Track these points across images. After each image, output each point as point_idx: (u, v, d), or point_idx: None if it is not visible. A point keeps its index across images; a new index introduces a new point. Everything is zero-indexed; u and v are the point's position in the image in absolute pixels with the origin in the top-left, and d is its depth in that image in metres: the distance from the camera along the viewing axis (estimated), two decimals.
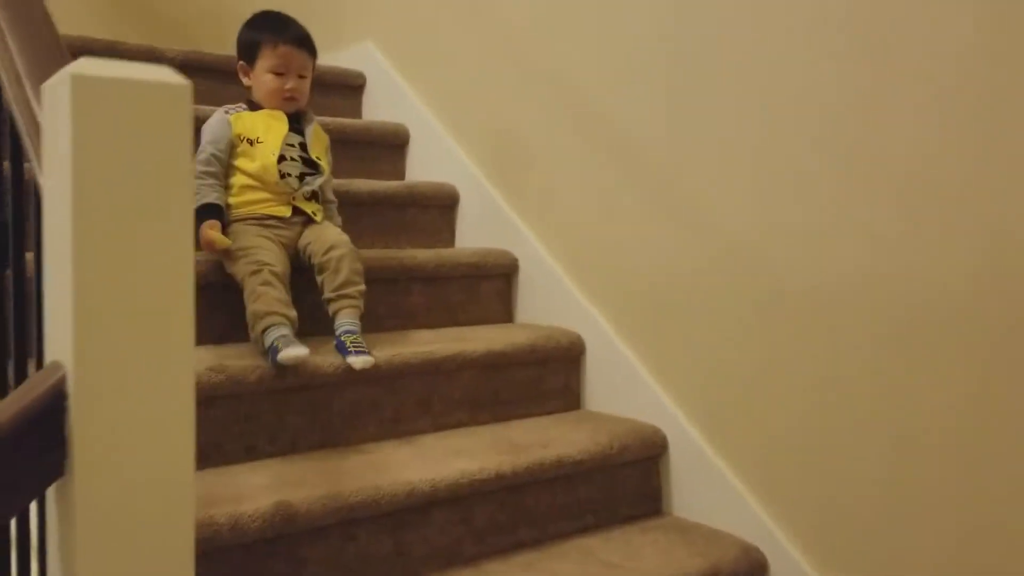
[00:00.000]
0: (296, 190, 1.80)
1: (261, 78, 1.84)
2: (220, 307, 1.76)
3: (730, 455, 1.74)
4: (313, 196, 1.85)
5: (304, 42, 1.86)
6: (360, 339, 1.66)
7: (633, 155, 1.91)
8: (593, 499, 1.75)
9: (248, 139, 1.79)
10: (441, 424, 1.82)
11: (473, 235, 2.33)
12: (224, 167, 1.77)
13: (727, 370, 1.73)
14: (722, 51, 1.72)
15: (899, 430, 1.48)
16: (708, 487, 1.76)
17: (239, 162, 1.78)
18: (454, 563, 1.56)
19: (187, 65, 2.45)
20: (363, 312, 1.72)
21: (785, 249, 1.63)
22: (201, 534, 1.28)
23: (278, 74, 1.82)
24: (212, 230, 1.69)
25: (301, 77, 1.85)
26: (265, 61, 1.83)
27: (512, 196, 2.23)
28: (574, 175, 2.05)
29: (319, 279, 1.73)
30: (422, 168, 2.50)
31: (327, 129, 2.34)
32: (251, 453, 1.58)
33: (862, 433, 1.52)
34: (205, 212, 1.72)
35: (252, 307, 1.62)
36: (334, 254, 1.72)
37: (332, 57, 2.77)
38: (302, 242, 1.78)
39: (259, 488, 1.42)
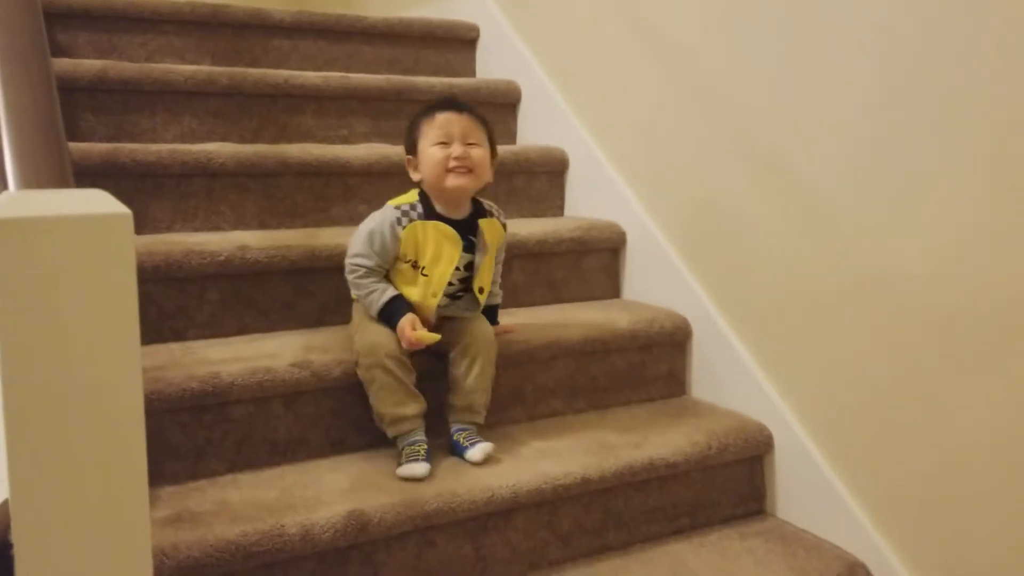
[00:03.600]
0: (443, 306, 1.60)
1: (425, 155, 1.55)
2: (310, 292, 1.76)
3: (840, 462, 1.61)
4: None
5: (467, 109, 1.58)
6: (473, 433, 1.57)
7: (743, 127, 1.75)
8: (689, 500, 1.67)
9: (414, 263, 1.56)
10: (535, 414, 1.77)
11: (583, 203, 2.23)
12: (386, 271, 1.58)
13: (845, 372, 1.59)
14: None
15: None
16: (814, 493, 1.64)
17: (397, 279, 1.57)
18: (538, 567, 1.52)
19: (297, 26, 2.43)
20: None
21: (916, 253, 1.46)
22: (271, 544, 1.29)
23: (441, 144, 1.54)
24: (412, 327, 1.50)
25: (470, 144, 1.55)
26: (426, 138, 1.56)
27: (621, 167, 2.11)
28: (687, 151, 1.91)
29: (449, 373, 1.58)
30: (534, 129, 2.40)
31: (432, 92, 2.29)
32: (337, 447, 1.58)
33: (1002, 456, 1.37)
34: (396, 307, 1.53)
35: (375, 404, 1.53)
36: (468, 356, 1.56)
37: (442, 8, 2.69)
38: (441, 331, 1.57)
39: (336, 492, 1.41)
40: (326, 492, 1.42)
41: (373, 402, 1.52)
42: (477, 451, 1.53)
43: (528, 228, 2.00)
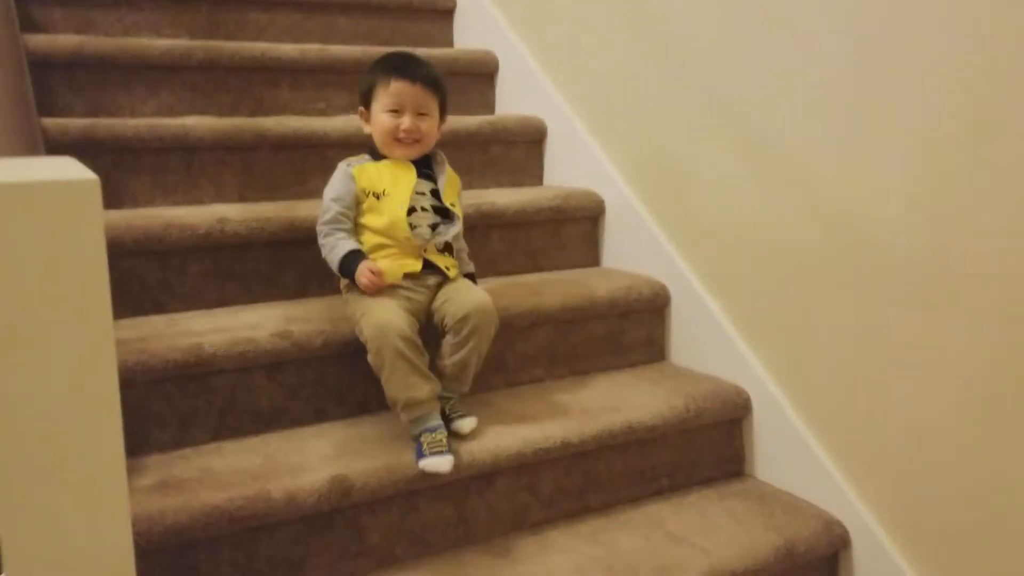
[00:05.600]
0: (428, 240, 1.59)
1: (376, 119, 1.61)
2: (290, 264, 1.77)
3: (817, 422, 1.64)
4: (447, 248, 1.64)
5: (421, 78, 1.60)
6: (458, 403, 1.57)
7: (720, 95, 1.76)
8: (668, 462, 1.70)
9: (374, 193, 1.59)
10: (515, 381, 1.79)
11: (562, 172, 2.24)
12: (352, 224, 1.59)
13: (822, 335, 1.62)
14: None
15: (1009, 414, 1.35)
16: (792, 453, 1.68)
17: (366, 219, 1.58)
18: (519, 528, 1.55)
19: None
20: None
21: (886, 212, 1.48)
22: (256, 509, 1.31)
23: (392, 112, 1.59)
24: (372, 268, 1.51)
25: (421, 115, 1.60)
26: (379, 101, 1.61)
27: (600, 136, 2.12)
28: (665, 119, 1.92)
29: (444, 339, 1.55)
30: (512, 98, 2.40)
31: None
32: (320, 416, 1.60)
33: (975, 416, 1.40)
34: (353, 258, 1.54)
35: (387, 389, 1.48)
36: (468, 326, 1.51)
37: None
38: (436, 303, 1.57)
39: (320, 458, 1.43)
40: (310, 458, 1.44)
41: (385, 386, 1.47)
42: (465, 425, 1.53)
43: (507, 197, 2.02)
